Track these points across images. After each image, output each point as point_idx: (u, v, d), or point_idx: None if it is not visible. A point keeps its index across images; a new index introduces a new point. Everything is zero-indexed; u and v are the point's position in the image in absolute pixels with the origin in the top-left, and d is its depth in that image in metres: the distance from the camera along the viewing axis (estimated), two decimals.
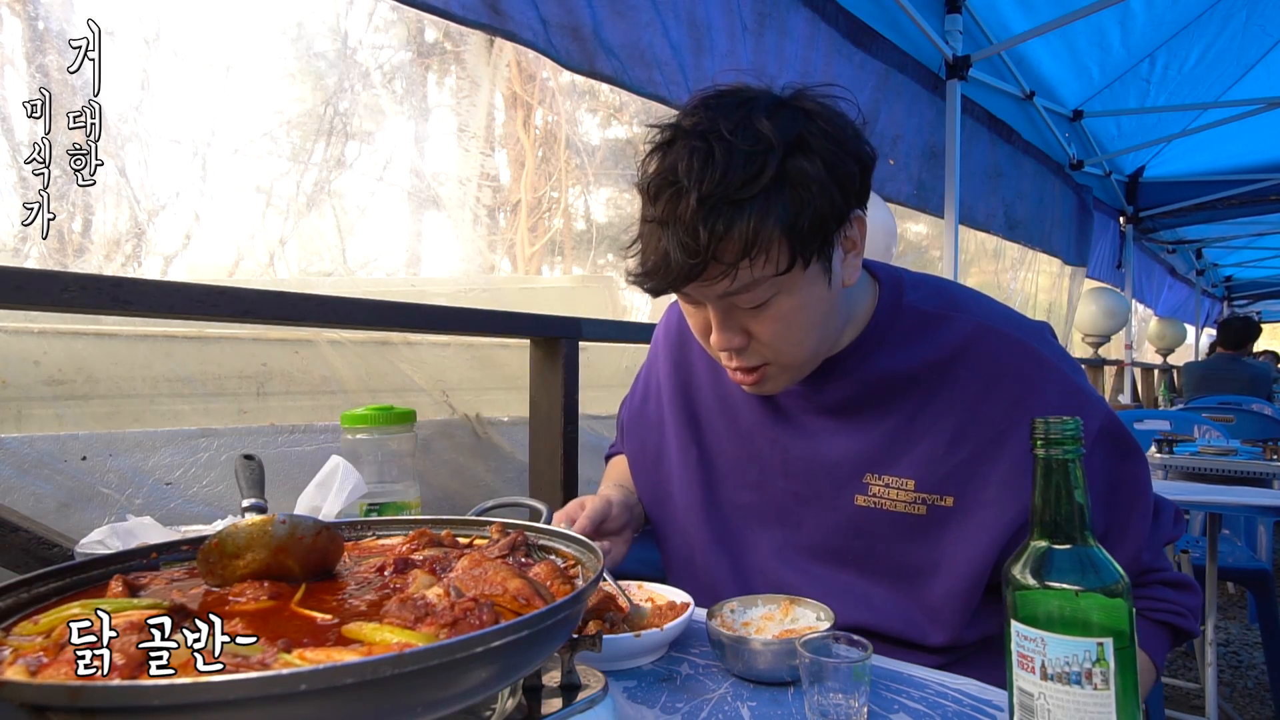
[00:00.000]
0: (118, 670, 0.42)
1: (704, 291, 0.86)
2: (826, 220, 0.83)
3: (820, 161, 0.82)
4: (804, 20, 2.73)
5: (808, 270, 0.86)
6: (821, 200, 0.82)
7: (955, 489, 0.93)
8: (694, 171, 0.79)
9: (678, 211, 0.80)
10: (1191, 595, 0.96)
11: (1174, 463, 2.19)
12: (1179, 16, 4.19)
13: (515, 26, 1.77)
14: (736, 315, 0.89)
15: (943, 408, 0.94)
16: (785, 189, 0.80)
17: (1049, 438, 0.58)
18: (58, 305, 1.06)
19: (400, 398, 1.78)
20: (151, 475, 1.35)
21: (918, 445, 0.95)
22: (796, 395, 1.03)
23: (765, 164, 0.80)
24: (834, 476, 1.00)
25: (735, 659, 0.80)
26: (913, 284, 1.01)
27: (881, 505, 0.96)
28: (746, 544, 1.08)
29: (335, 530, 0.65)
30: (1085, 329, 6.20)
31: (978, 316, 0.96)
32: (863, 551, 0.98)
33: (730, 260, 0.81)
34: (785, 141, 0.81)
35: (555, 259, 2.54)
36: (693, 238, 0.79)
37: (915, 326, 0.97)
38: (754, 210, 0.79)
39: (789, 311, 0.87)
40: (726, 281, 0.83)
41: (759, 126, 0.81)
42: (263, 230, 1.71)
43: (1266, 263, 10.68)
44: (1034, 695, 0.56)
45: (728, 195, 0.79)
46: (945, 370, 0.95)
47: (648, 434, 1.21)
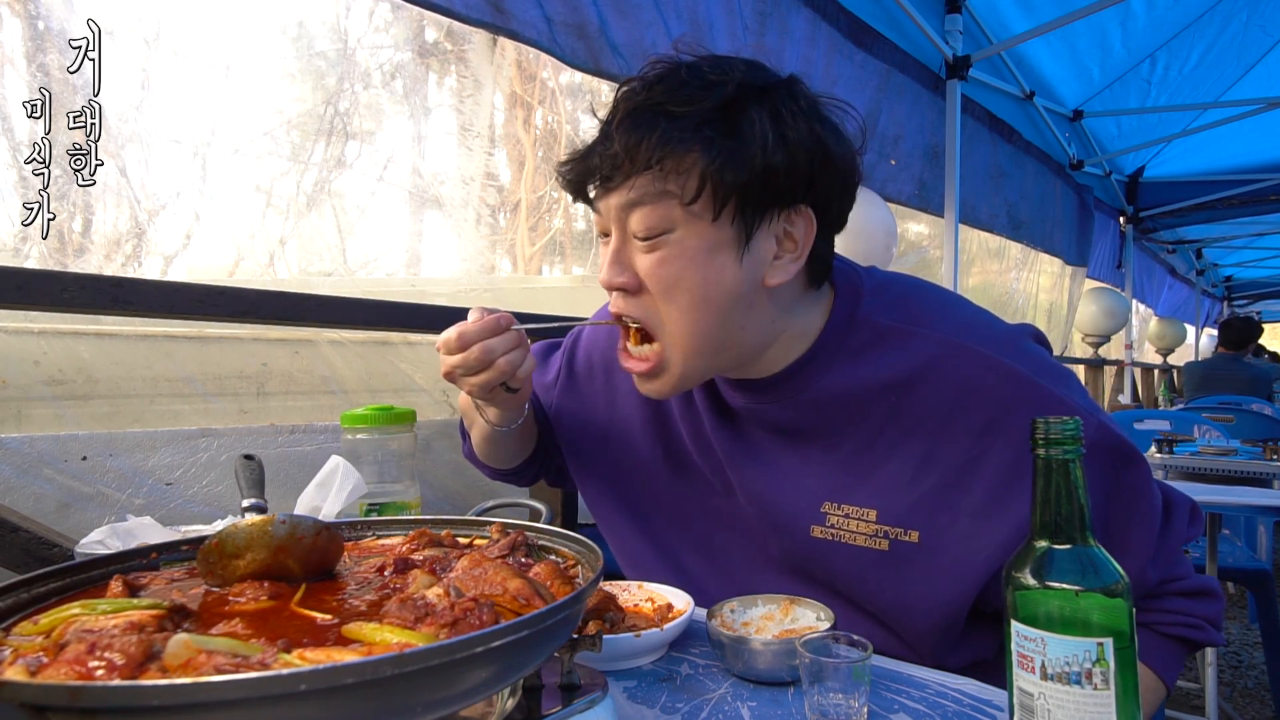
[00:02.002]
0: (118, 670, 0.42)
1: (610, 200, 0.84)
2: (754, 182, 0.79)
3: (771, 123, 0.80)
4: (805, 20, 2.73)
5: (715, 225, 0.81)
6: (754, 158, 0.79)
7: (920, 522, 0.86)
8: (652, 80, 0.81)
9: (618, 110, 0.82)
10: (1210, 603, 0.89)
11: (1174, 463, 2.19)
12: (1179, 17, 4.20)
13: (519, 25, 1.77)
14: (630, 250, 0.85)
15: (905, 433, 0.87)
16: (722, 124, 0.79)
17: (1049, 438, 0.58)
18: (58, 305, 1.06)
19: (401, 397, 1.78)
20: (151, 475, 1.35)
21: (878, 472, 0.88)
22: (748, 411, 0.95)
23: (712, 91, 0.79)
24: (791, 505, 0.93)
25: (735, 659, 0.80)
26: (873, 291, 0.92)
27: (840, 538, 0.89)
28: (720, 552, 1.04)
29: (335, 530, 0.65)
30: (1085, 329, 6.21)
31: (941, 332, 0.88)
32: (828, 581, 0.93)
33: (640, 165, 0.80)
34: (747, 84, 0.81)
35: (555, 259, 2.54)
36: (620, 132, 0.80)
37: (867, 342, 0.89)
38: (684, 124, 0.78)
39: (678, 258, 0.82)
40: (630, 189, 0.81)
41: (729, 64, 0.82)
42: (263, 230, 1.71)
43: (1266, 263, 10.68)
44: (1034, 695, 0.56)
45: (668, 106, 0.79)
46: (906, 391, 0.87)
47: (589, 416, 1.13)
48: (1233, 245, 9.44)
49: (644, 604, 0.94)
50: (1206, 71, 4.79)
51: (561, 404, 1.16)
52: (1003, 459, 0.84)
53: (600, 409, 1.13)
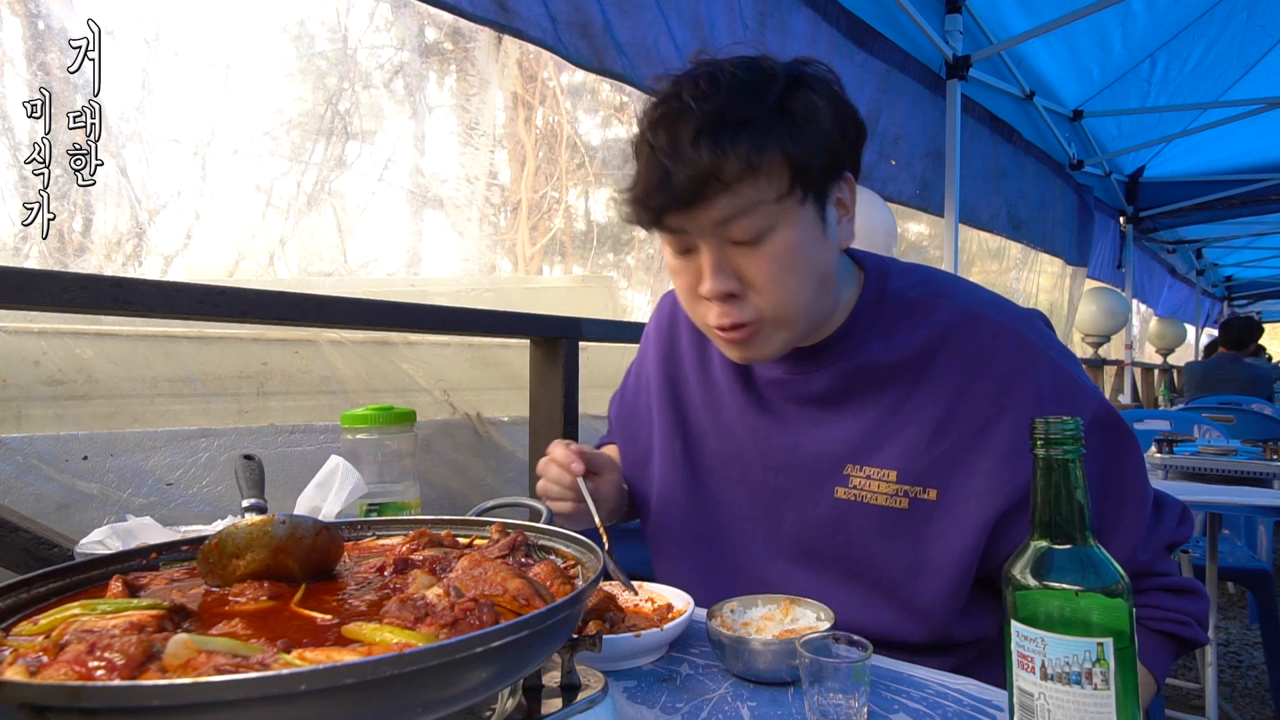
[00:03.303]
0: (118, 670, 0.42)
1: (700, 219, 0.84)
2: (825, 156, 0.85)
3: (823, 102, 0.85)
4: (805, 20, 2.73)
5: (805, 206, 0.85)
6: (821, 134, 0.84)
7: (939, 481, 0.90)
8: (700, 92, 0.82)
9: (679, 130, 0.82)
10: (1195, 601, 0.91)
11: (1174, 463, 2.19)
12: (1180, 17, 4.20)
13: (523, 24, 1.77)
14: (730, 256, 0.86)
15: (926, 397, 0.92)
16: (787, 115, 0.83)
17: (1049, 437, 0.58)
18: (58, 305, 1.06)
19: (401, 397, 1.78)
20: (151, 475, 1.35)
21: (900, 435, 0.93)
22: (778, 385, 1.01)
23: (768, 90, 0.83)
24: (814, 469, 0.98)
25: (735, 659, 0.80)
26: (898, 272, 1.00)
27: (862, 498, 0.94)
28: (729, 542, 1.06)
29: (335, 530, 0.65)
30: (1085, 329, 6.21)
31: (963, 303, 0.94)
32: (843, 550, 0.96)
33: (731, 178, 0.81)
34: (788, 75, 0.85)
35: (556, 259, 2.54)
36: (696, 153, 0.80)
37: (901, 314, 0.96)
38: (757, 130, 0.81)
39: (786, 250, 0.85)
40: (725, 203, 0.82)
41: (762, 63, 0.86)
42: (263, 230, 1.71)
43: (1266, 263, 10.68)
44: (1034, 695, 0.56)
45: (732, 115, 0.81)
46: (930, 358, 0.93)
47: (638, 428, 1.19)
48: (1233, 245, 9.44)
49: (644, 604, 0.94)
50: (1206, 71, 4.79)
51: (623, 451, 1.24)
52: (1017, 422, 0.88)
53: (644, 426, 1.19)
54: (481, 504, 0.98)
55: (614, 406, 1.29)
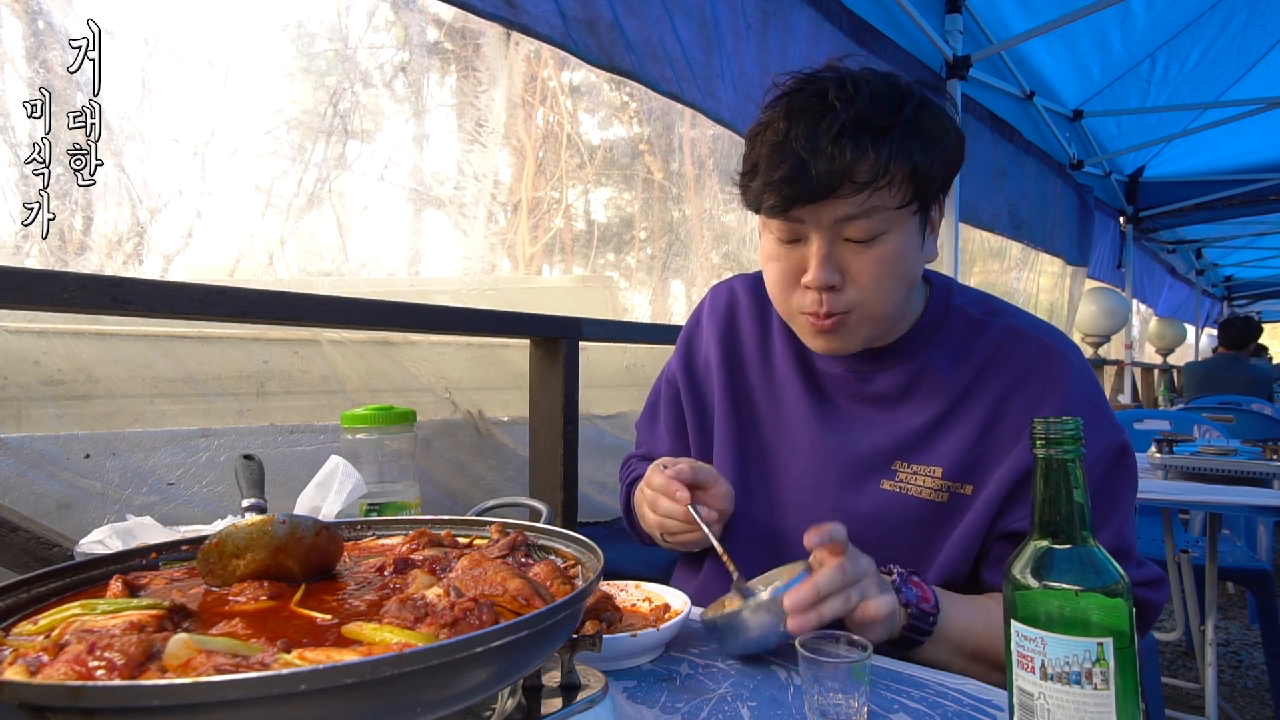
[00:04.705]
0: (118, 670, 0.42)
1: (823, 213, 0.90)
2: (939, 176, 0.92)
3: (949, 123, 0.93)
4: (807, 19, 2.73)
5: (914, 217, 0.93)
6: (942, 154, 0.91)
7: (975, 477, 0.97)
8: (845, 95, 0.88)
9: (822, 127, 0.86)
10: (1163, 589, 0.96)
11: (1174, 463, 2.19)
12: (1179, 17, 4.20)
13: (530, 20, 1.77)
14: (840, 251, 0.92)
15: (975, 403, 0.99)
16: (917, 131, 0.89)
17: (1049, 438, 0.58)
18: (58, 305, 1.06)
19: (402, 397, 1.78)
20: (151, 475, 1.35)
21: (950, 437, 0.99)
22: (840, 380, 1.07)
23: (905, 104, 0.89)
24: (864, 463, 1.03)
25: (730, 636, 0.82)
26: (960, 290, 1.09)
27: (907, 491, 1.00)
28: (775, 529, 1.08)
29: (335, 530, 0.65)
30: (1085, 329, 6.21)
31: (1013, 322, 1.03)
32: (878, 544, 0.98)
33: (864, 180, 0.86)
34: (921, 94, 0.92)
35: (556, 259, 2.54)
36: (837, 150, 0.85)
37: (960, 329, 1.04)
38: (894, 139, 0.87)
39: (892, 254, 0.92)
40: (853, 202, 0.88)
41: (896, 79, 0.92)
42: (263, 230, 1.71)
43: (1266, 263, 10.68)
44: (1034, 695, 0.56)
45: (873, 121, 0.87)
46: (981, 371, 1.00)
47: (704, 412, 1.20)
48: (1233, 245, 9.44)
49: (641, 604, 0.94)
50: (1206, 71, 4.79)
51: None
52: None
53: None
54: (482, 504, 0.98)
55: (646, 421, 1.30)
